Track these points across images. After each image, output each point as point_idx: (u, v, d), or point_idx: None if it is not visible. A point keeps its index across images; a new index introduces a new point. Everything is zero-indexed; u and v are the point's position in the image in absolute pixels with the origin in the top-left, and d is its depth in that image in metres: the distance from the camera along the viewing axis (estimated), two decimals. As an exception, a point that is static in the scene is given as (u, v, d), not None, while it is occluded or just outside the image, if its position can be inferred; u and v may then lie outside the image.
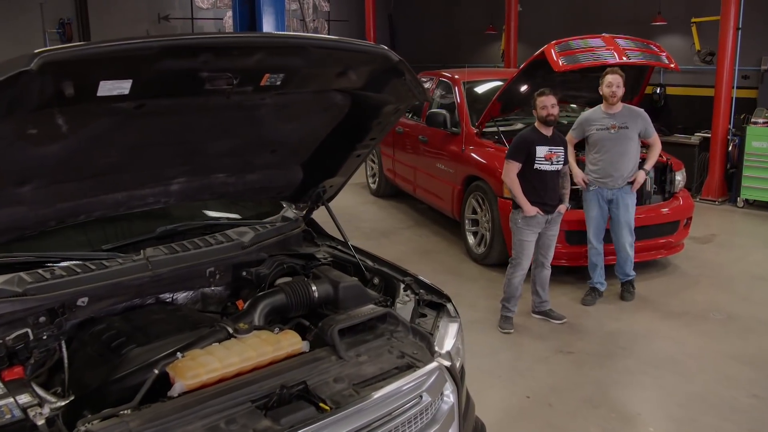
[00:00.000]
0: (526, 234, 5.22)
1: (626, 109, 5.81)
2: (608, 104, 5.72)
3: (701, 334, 5.35)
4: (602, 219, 5.85)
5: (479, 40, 14.95)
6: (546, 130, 5.18)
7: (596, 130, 5.75)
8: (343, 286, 2.81)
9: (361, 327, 2.56)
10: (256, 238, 3.13)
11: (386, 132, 2.98)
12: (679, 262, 6.96)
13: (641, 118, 5.81)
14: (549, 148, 5.13)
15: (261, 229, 3.20)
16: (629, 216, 5.78)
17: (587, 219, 5.88)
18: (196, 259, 2.92)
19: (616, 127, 5.69)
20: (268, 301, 2.69)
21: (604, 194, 5.75)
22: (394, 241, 7.95)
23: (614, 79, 5.66)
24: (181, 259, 2.89)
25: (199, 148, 2.61)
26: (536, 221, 5.18)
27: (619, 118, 5.72)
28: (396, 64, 2.45)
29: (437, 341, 2.62)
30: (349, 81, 2.50)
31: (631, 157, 5.75)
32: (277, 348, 2.38)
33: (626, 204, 5.75)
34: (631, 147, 5.73)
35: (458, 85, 7.93)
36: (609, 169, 5.70)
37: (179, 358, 2.27)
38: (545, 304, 5.56)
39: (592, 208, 5.83)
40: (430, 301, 2.91)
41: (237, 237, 3.09)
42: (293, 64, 2.25)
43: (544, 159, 5.12)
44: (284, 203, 3.57)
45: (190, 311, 2.99)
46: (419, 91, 2.62)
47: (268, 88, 2.25)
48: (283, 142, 2.83)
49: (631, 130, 5.71)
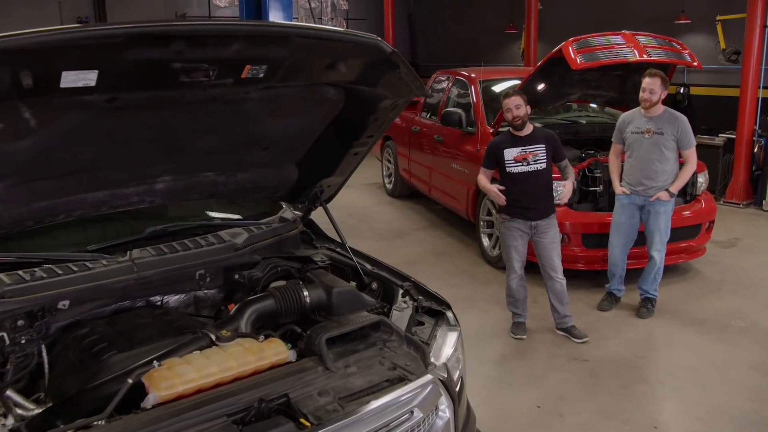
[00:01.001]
0: (509, 238, 5.00)
1: (667, 113, 5.43)
2: (644, 108, 5.40)
3: (723, 342, 5.13)
4: (630, 228, 5.54)
5: (499, 39, 14.75)
6: (519, 131, 4.91)
7: (631, 133, 5.47)
8: (337, 291, 2.66)
9: (353, 336, 2.42)
10: (250, 239, 2.99)
11: (384, 129, 2.84)
12: (700, 267, 6.73)
13: (679, 126, 5.36)
14: (521, 148, 4.86)
15: (256, 230, 3.07)
16: (660, 224, 5.42)
17: (612, 222, 5.62)
18: (185, 261, 2.79)
19: (650, 131, 5.35)
20: (256, 307, 2.56)
21: (636, 201, 5.45)
22: (407, 242, 7.79)
23: (649, 82, 5.29)
24: (169, 261, 2.76)
25: (184, 145, 2.48)
26: (517, 227, 4.93)
27: (656, 122, 5.36)
28: (389, 55, 2.30)
29: (433, 352, 2.46)
30: (340, 74, 2.35)
31: (665, 165, 5.35)
32: (260, 357, 2.24)
33: (656, 211, 5.39)
34: (665, 155, 5.34)
35: (474, 84, 7.76)
36: (639, 176, 5.39)
37: (155, 367, 2.14)
38: (566, 319, 5.14)
39: (621, 213, 5.53)
40: (429, 308, 2.75)
41: (230, 238, 2.96)
42: (276, 55, 2.11)
43: (513, 161, 4.85)
44: (284, 204, 3.44)
45: (181, 315, 2.86)
46: (416, 85, 2.47)
47: (250, 80, 2.12)
48: (275, 139, 2.69)
49: (666, 137, 5.34)
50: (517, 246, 4.97)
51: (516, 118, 4.82)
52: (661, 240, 5.46)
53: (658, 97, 5.31)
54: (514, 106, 4.82)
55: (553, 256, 5.00)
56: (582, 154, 6.54)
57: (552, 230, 4.98)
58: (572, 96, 7.12)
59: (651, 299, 5.61)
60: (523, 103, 4.84)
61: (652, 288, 5.59)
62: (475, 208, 7.09)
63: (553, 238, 4.98)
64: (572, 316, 5.14)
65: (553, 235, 4.98)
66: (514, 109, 4.82)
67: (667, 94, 5.40)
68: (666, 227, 5.47)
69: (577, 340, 5.06)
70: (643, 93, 5.34)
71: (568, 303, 5.12)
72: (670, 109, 5.49)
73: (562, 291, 5.07)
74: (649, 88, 5.29)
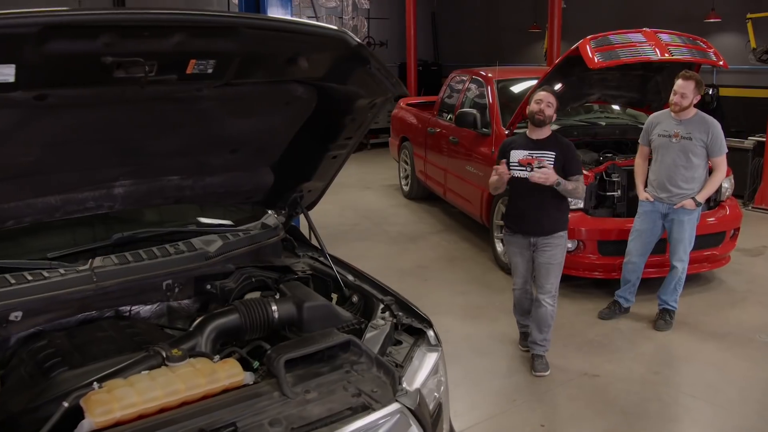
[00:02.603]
0: (510, 252, 4.60)
1: (698, 117, 5.10)
2: (673, 112, 5.10)
3: (745, 358, 4.82)
4: (652, 236, 5.25)
5: (523, 38, 14.44)
6: (535, 132, 4.41)
7: (658, 136, 5.16)
8: (308, 306, 2.46)
9: (319, 356, 2.21)
10: (224, 247, 2.81)
11: (364, 130, 2.62)
12: (725, 277, 6.40)
13: (710, 131, 5.03)
14: (529, 152, 4.32)
15: (231, 237, 2.88)
16: (684, 234, 5.12)
17: (632, 229, 5.33)
18: (150, 271, 2.62)
19: (678, 135, 5.04)
20: (218, 323, 2.37)
21: (660, 208, 5.17)
22: (420, 246, 7.57)
23: (682, 85, 4.97)
24: (133, 271, 2.59)
25: (139, 146, 2.29)
26: (516, 241, 4.48)
27: (686, 126, 5.05)
28: (356, 49, 2.09)
29: (407, 375, 2.24)
30: (305, 70, 2.14)
31: (692, 172, 5.06)
32: (212, 380, 2.05)
33: (681, 220, 5.10)
34: (692, 161, 5.03)
35: (490, 84, 7.52)
36: (665, 182, 5.10)
37: (95, 390, 1.96)
38: (535, 347, 4.58)
39: (644, 220, 5.23)
40: (410, 326, 2.53)
41: (202, 246, 2.78)
42: (224, 48, 1.91)
43: (518, 164, 4.33)
44: (269, 210, 3.24)
45: (149, 328, 2.69)
46: (391, 83, 2.25)
47: (198, 77, 1.92)
48: (244, 141, 2.50)
49: (694, 143, 5.01)
50: (517, 263, 4.54)
51: (540, 113, 4.33)
52: (684, 250, 5.18)
53: (689, 101, 5.00)
54: (547, 102, 4.34)
55: (547, 277, 4.44)
56: (600, 157, 6.27)
57: (553, 250, 4.40)
58: (591, 97, 6.82)
59: (670, 311, 5.32)
60: (555, 103, 4.39)
61: (671, 299, 5.29)
62: (489, 212, 6.84)
63: (551, 258, 4.41)
64: (545, 346, 4.58)
65: (552, 255, 4.41)
66: (545, 105, 4.34)
67: (700, 98, 5.08)
68: (690, 237, 5.18)
69: (534, 372, 4.53)
70: (674, 96, 5.04)
71: (548, 331, 4.54)
72: (702, 113, 5.18)
73: (545, 317, 4.48)
74: (681, 91, 4.98)
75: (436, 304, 5.80)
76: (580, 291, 5.90)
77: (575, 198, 4.60)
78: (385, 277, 6.39)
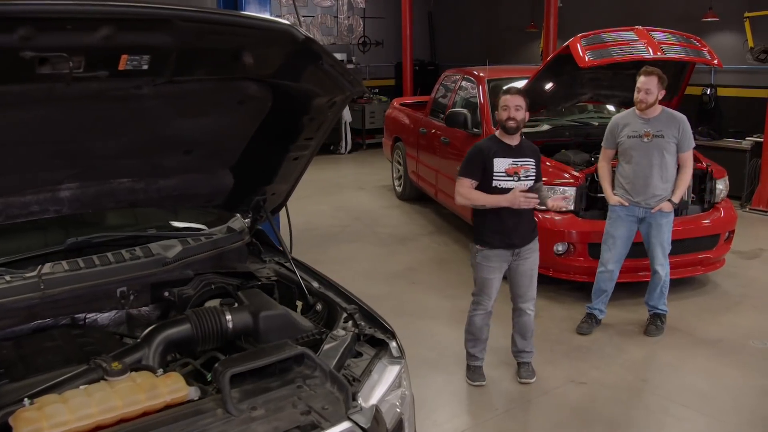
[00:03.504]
0: (485, 271, 4.18)
1: (665, 114, 4.97)
2: (639, 110, 4.95)
3: (738, 365, 4.68)
4: (627, 242, 5.06)
5: (521, 37, 14.29)
6: (509, 138, 4.13)
7: (627, 137, 4.97)
8: (264, 315, 2.33)
9: (271, 370, 2.08)
10: (183, 253, 2.67)
11: (326, 130, 2.50)
12: (719, 280, 6.26)
13: (679, 126, 4.92)
14: (512, 160, 4.07)
15: (192, 242, 2.74)
16: (663, 237, 4.98)
17: (606, 236, 5.12)
18: (103, 278, 2.49)
19: (650, 135, 4.88)
20: (167, 334, 2.25)
21: (636, 212, 4.99)
22: (410, 248, 7.44)
23: (645, 81, 4.83)
24: (84, 277, 2.46)
25: (81, 147, 2.17)
26: (497, 256, 4.16)
27: (654, 124, 4.90)
28: (304, 43, 1.96)
29: (364, 390, 2.11)
30: (250, 66, 2.01)
31: (668, 172, 4.94)
32: (152, 396, 1.92)
33: (659, 224, 4.95)
34: (666, 160, 4.91)
35: (482, 84, 7.39)
36: (641, 185, 4.92)
37: (25, 407, 1.83)
38: (524, 355, 4.44)
39: (618, 226, 5.03)
40: (372, 337, 2.40)
41: (159, 251, 2.64)
42: (158, 43, 1.78)
43: (504, 174, 4.05)
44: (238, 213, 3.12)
45: (103, 337, 2.56)
46: (348, 80, 2.12)
47: (133, 73, 1.79)
48: (197, 142, 2.38)
49: (667, 140, 4.89)
50: (493, 279, 4.20)
51: (511, 119, 4.07)
52: (664, 254, 5.02)
53: (654, 97, 4.85)
54: (514, 105, 4.08)
55: (531, 285, 4.27)
56: (591, 158, 6.15)
57: (534, 255, 4.23)
58: (583, 96, 6.70)
59: (661, 315, 5.18)
60: (524, 105, 4.12)
61: (660, 303, 5.15)
62: (479, 214, 6.71)
63: (533, 264, 4.23)
64: (533, 352, 4.46)
65: (533, 261, 4.23)
66: (513, 110, 4.07)
67: (664, 93, 4.94)
68: (669, 239, 5.03)
69: (521, 379, 4.40)
70: (638, 93, 4.88)
71: (532, 336, 4.42)
72: (668, 109, 5.05)
73: (529, 324, 4.36)
74: (645, 87, 4.83)
75: (422, 308, 5.68)
76: (569, 295, 5.77)
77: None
78: (373, 279, 6.40)
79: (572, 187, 5.70)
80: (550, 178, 5.77)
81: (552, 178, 5.75)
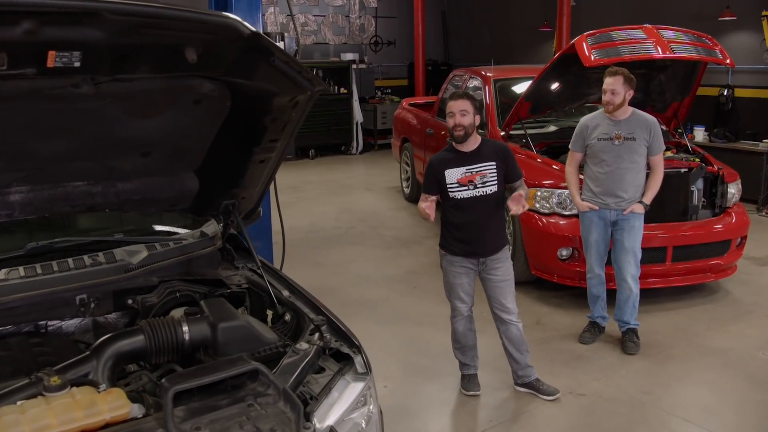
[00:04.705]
0: (451, 275, 4.07)
1: (636, 116, 4.76)
2: (607, 111, 4.74)
3: (746, 378, 4.48)
4: (605, 242, 4.88)
5: (534, 38, 14.08)
6: (462, 145, 3.87)
7: (597, 140, 4.77)
8: (223, 327, 2.20)
9: (222, 386, 1.95)
10: (149, 259, 2.56)
11: (291, 131, 2.36)
12: (731, 287, 6.05)
13: (650, 129, 4.73)
14: (465, 169, 3.85)
15: (160, 247, 2.62)
16: (634, 241, 4.76)
17: (586, 244, 4.93)
18: (60, 284, 2.38)
19: (621, 137, 4.68)
20: (118, 346, 2.12)
21: (607, 216, 4.79)
22: (414, 251, 7.29)
23: (610, 82, 4.63)
24: (40, 284, 2.35)
25: (27, 149, 2.05)
26: (459, 262, 4.01)
27: (625, 126, 4.70)
28: (251, 39, 1.82)
29: (320, 410, 1.97)
30: (196, 62, 1.88)
31: (639, 174, 4.77)
32: (90, 413, 1.80)
33: (632, 226, 4.74)
34: (637, 162, 4.73)
35: (488, 84, 7.25)
36: (612, 188, 4.73)
37: (-49, 426, 1.72)
38: (528, 371, 4.22)
39: (592, 230, 4.83)
40: (337, 351, 2.26)
41: (123, 257, 2.53)
42: (88, 38, 1.65)
43: (457, 185, 3.86)
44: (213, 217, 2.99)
45: (63, 346, 2.45)
46: (306, 78, 1.98)
47: (64, 71, 1.66)
48: (155, 144, 2.25)
49: (638, 142, 4.70)
50: (462, 284, 4.05)
51: (458, 126, 3.79)
52: (636, 261, 4.80)
53: (621, 98, 4.65)
54: (459, 111, 3.79)
55: (507, 296, 4.07)
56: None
57: (504, 265, 4.04)
58: (591, 97, 6.50)
59: (635, 330, 4.92)
60: (471, 109, 3.83)
61: (632, 318, 4.89)
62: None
63: (504, 275, 4.04)
64: (534, 367, 4.25)
65: (505, 271, 4.04)
66: (458, 115, 3.79)
67: (632, 94, 4.73)
68: (639, 244, 4.82)
69: (546, 397, 4.16)
70: (604, 95, 4.69)
71: (527, 351, 4.20)
72: (639, 111, 4.84)
73: (519, 336, 4.14)
74: (610, 88, 4.64)
75: (421, 313, 5.54)
76: (574, 302, 5.59)
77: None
78: (373, 283, 6.27)
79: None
80: (555, 181, 5.63)
81: (559, 181, 5.60)
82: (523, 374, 4.25)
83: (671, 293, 5.74)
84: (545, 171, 5.82)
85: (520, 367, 4.23)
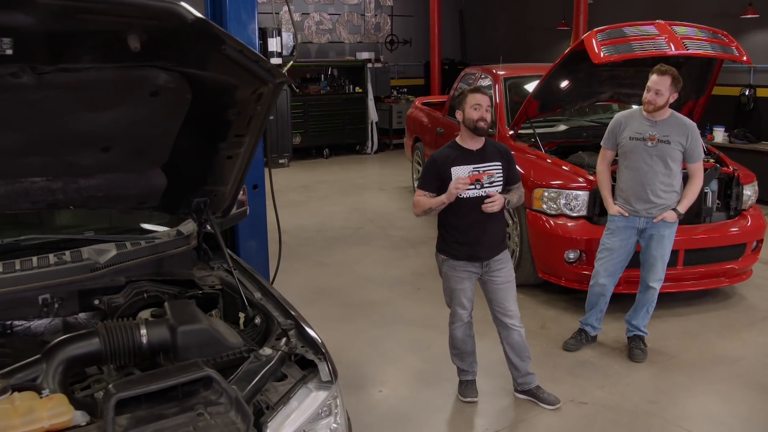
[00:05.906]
0: (453, 281, 3.92)
1: (674, 118, 4.50)
2: (646, 111, 4.49)
3: (756, 388, 4.30)
4: (625, 253, 4.62)
5: (552, 36, 13.89)
6: (472, 142, 3.76)
7: (629, 139, 4.52)
8: (183, 330, 2.10)
9: (172, 394, 1.84)
10: (117, 258, 2.47)
11: (258, 127, 2.25)
12: (745, 293, 5.84)
13: (689, 134, 4.46)
14: (474, 167, 3.72)
15: (130, 246, 2.53)
16: (665, 250, 4.54)
17: (601, 247, 4.69)
18: (21, 283, 2.29)
19: (655, 139, 4.42)
20: (71, 348, 2.02)
21: (636, 223, 4.54)
22: (421, 252, 7.16)
23: (657, 81, 4.34)
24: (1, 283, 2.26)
25: None
26: (464, 266, 3.88)
27: (662, 128, 4.44)
28: (197, 25, 1.71)
29: (276, 420, 1.85)
30: (140, 51, 1.77)
31: (672, 180, 4.49)
32: (28, 420, 1.70)
33: (661, 235, 4.50)
34: (671, 168, 4.46)
35: (498, 82, 7.11)
36: (641, 192, 4.48)
37: None
38: (529, 378, 4.09)
39: (615, 236, 4.59)
40: (303, 357, 2.14)
41: (90, 256, 2.44)
42: (18, 23, 1.55)
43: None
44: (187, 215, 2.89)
45: (25, 346, 2.36)
46: (264, 68, 1.87)
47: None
48: (114, 138, 2.16)
49: (673, 147, 4.43)
50: (464, 289, 3.92)
51: (483, 120, 3.70)
52: (663, 268, 4.58)
53: (665, 99, 4.38)
54: (486, 107, 3.72)
55: (509, 300, 3.95)
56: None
57: (506, 266, 3.94)
58: (603, 95, 6.34)
59: (642, 337, 4.73)
60: (490, 106, 3.79)
61: (643, 323, 4.70)
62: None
63: (507, 276, 3.93)
64: (535, 374, 4.12)
65: (507, 272, 3.93)
66: (485, 112, 3.71)
67: (676, 97, 4.46)
68: (668, 252, 4.59)
69: (547, 406, 4.01)
70: (647, 93, 4.41)
71: (529, 357, 4.08)
72: (678, 114, 4.57)
73: (520, 342, 4.01)
74: (656, 87, 4.35)
75: (423, 316, 5.41)
76: (581, 306, 5.38)
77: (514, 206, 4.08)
78: (376, 284, 6.15)
79: (585, 191, 5.36)
80: (564, 182, 5.48)
81: (567, 182, 5.45)
82: (524, 381, 4.11)
83: (683, 298, 5.56)
84: (553, 171, 5.67)
85: (521, 374, 4.10)
